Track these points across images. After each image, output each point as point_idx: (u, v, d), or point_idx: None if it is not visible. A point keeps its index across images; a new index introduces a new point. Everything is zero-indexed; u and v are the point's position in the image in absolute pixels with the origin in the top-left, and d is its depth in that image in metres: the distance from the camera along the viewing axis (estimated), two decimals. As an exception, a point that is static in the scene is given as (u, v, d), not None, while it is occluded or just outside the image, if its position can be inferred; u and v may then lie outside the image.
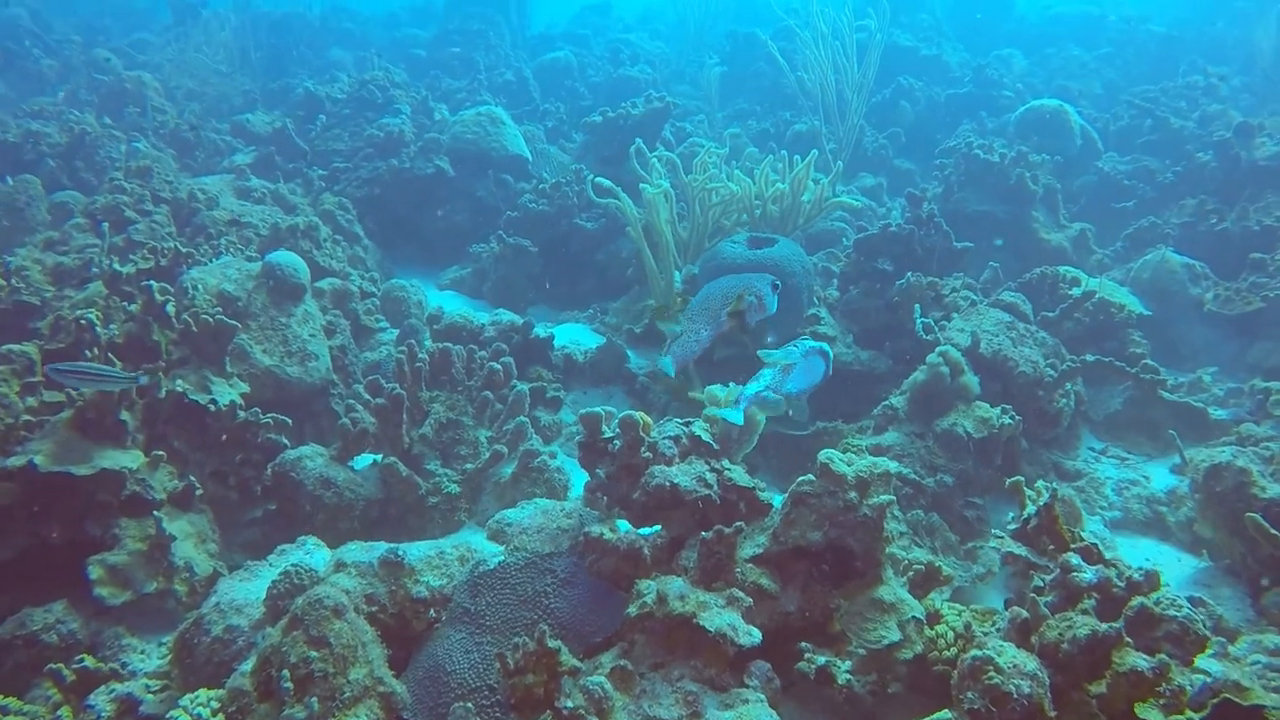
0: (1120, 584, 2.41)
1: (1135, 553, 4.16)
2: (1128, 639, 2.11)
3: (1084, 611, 2.16)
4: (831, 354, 2.95)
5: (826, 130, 7.02)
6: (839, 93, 6.75)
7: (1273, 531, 3.14)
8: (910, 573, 2.91)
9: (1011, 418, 3.90)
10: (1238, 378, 5.16)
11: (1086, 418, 4.96)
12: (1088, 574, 2.22)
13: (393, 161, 6.22)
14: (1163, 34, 12.02)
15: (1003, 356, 4.15)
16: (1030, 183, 5.93)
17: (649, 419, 3.00)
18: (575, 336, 5.25)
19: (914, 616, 2.62)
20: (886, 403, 4.02)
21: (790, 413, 2.93)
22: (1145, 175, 6.99)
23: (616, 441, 2.92)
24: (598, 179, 5.06)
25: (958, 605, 2.81)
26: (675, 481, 2.76)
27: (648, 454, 2.87)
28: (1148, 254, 5.80)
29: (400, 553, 2.79)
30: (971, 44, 11.71)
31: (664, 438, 2.91)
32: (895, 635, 2.57)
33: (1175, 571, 3.93)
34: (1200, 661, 3.13)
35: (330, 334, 4.49)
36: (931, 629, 2.68)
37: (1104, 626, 2.07)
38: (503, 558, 2.82)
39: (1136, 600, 2.35)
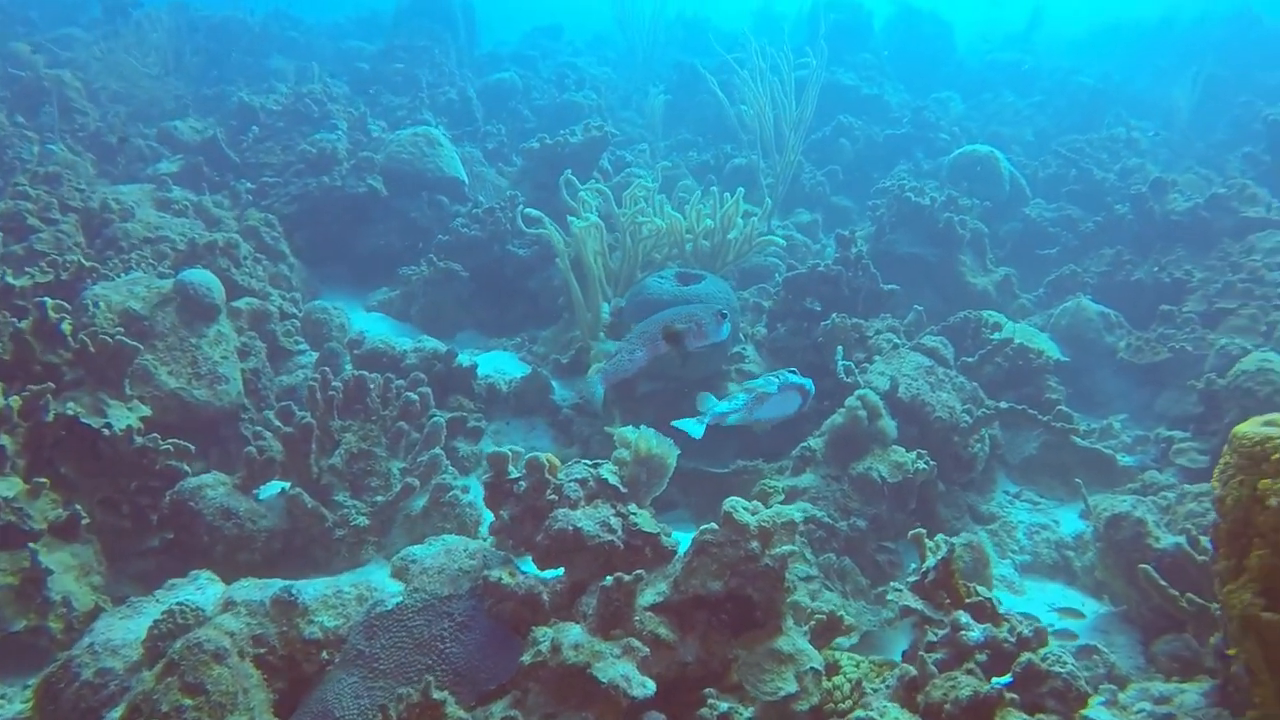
0: (1011, 639, 2.44)
1: (1043, 596, 4.24)
2: (1010, 698, 2.12)
3: (969, 671, 2.16)
4: (812, 390, 3.01)
5: (765, 165, 7.08)
6: (777, 129, 6.82)
7: (1162, 583, 3.22)
8: (812, 621, 2.91)
9: (926, 463, 3.94)
10: (1145, 425, 5.31)
11: (1003, 461, 5.05)
12: (975, 633, 2.23)
13: (324, 178, 6.11)
14: (1092, 86, 12.44)
15: (921, 401, 4.20)
16: (959, 227, 6.05)
17: (556, 460, 2.97)
18: (501, 365, 5.19)
19: (812, 667, 2.61)
20: (805, 444, 4.04)
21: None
22: (1068, 223, 7.19)
23: (522, 483, 2.88)
24: (526, 209, 5.03)
25: (857, 656, 2.82)
26: (578, 526, 2.72)
27: (553, 496, 2.84)
28: (1067, 301, 5.96)
29: (294, 592, 2.70)
30: (912, 85, 11.97)
31: (570, 480, 2.87)
32: (792, 687, 2.55)
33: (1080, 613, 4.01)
34: (1091, 710, 3.19)
35: (244, 356, 4.37)
36: (830, 680, 2.67)
37: (985, 687, 2.09)
38: (401, 599, 2.75)
39: (1024, 657, 2.38)
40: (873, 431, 3.92)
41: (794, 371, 3.04)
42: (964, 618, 2.28)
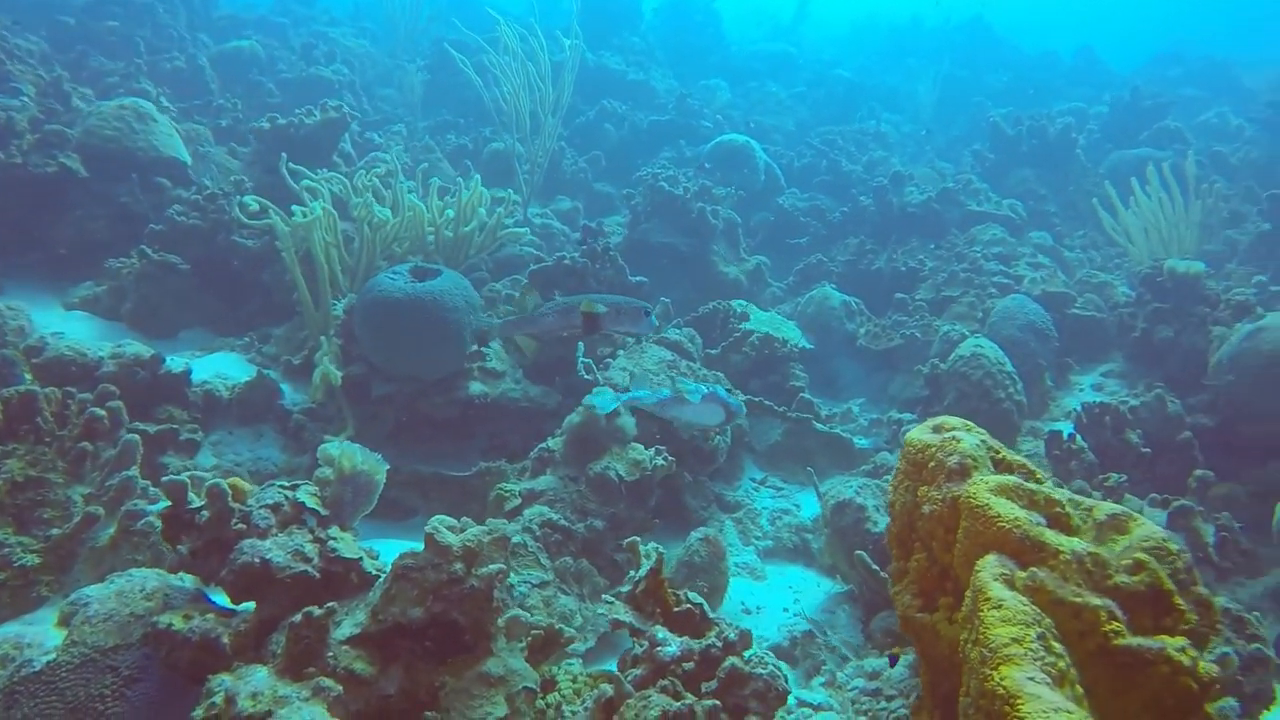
0: (719, 644, 2.44)
1: (783, 579, 4.38)
2: (700, 715, 2.09)
3: (663, 689, 2.12)
4: (739, 409, 3.12)
5: (524, 151, 6.92)
6: (533, 113, 6.66)
7: (874, 567, 3.38)
8: (530, 637, 2.80)
9: (665, 459, 3.93)
10: (881, 408, 5.62)
11: (750, 448, 5.19)
12: (671, 647, 2.19)
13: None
14: (849, 79, 13.15)
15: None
16: (711, 217, 6.15)
17: (245, 485, 2.69)
18: (223, 369, 4.73)
19: (525, 687, 2.51)
20: (543, 445, 3.93)
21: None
22: (818, 213, 7.51)
23: (204, 512, 2.59)
24: (245, 198, 4.60)
25: (575, 670, 2.74)
26: (267, 557, 2.47)
27: (240, 525, 2.57)
28: (813, 290, 6.21)
29: (-93, 659, 2.28)
30: (681, 72, 12.17)
31: (260, 506, 2.61)
32: (501, 710, 2.44)
33: (814, 596, 4.16)
34: (809, 691, 3.29)
35: (-111, 368, 3.72)
36: (544, 698, 2.58)
37: (675, 705, 2.05)
38: (53, 656, 2.39)
39: (728, 661, 2.38)
40: (611, 430, 3.86)
41: (731, 391, 3.18)
42: (660, 633, 2.23)
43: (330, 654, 2.36)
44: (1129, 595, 1.53)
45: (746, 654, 2.45)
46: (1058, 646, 1.36)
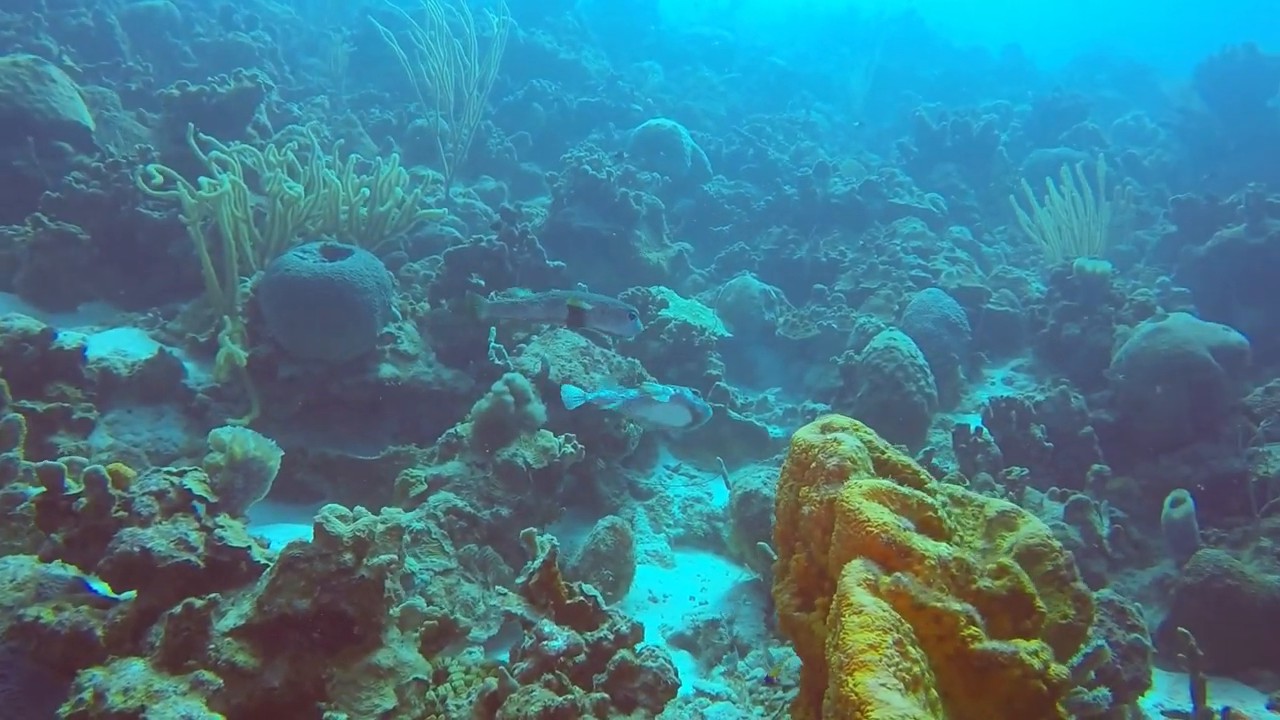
0: (610, 637, 2.44)
1: (692, 567, 4.41)
2: (587, 709, 2.10)
3: (547, 684, 2.12)
4: (705, 411, 3.17)
5: (448, 128, 6.79)
6: (457, 89, 6.54)
7: (775, 558, 3.41)
8: (424, 627, 2.77)
9: (574, 447, 3.92)
10: (797, 398, 5.69)
11: (665, 436, 5.21)
12: (557, 641, 2.19)
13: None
14: (783, 67, 13.21)
15: (573, 383, 4.17)
16: (633, 202, 6.13)
17: (128, 471, 2.60)
18: (123, 345, 4.56)
19: (417, 678, 2.48)
20: (452, 431, 3.88)
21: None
22: (743, 201, 7.54)
23: (82, 499, 2.49)
24: (148, 167, 4.42)
25: (468, 660, 2.72)
26: (148, 546, 2.39)
27: (121, 513, 2.47)
28: (734, 278, 6.24)
29: None
30: (616, 53, 12.08)
31: (143, 493, 2.52)
32: (390, 702, 2.41)
33: (722, 584, 4.20)
34: (709, 681, 3.33)
35: None
36: (435, 690, 2.56)
37: (558, 700, 2.05)
38: (-92, 652, 2.28)
39: (619, 654, 2.39)
40: (520, 416, 3.84)
41: (697, 394, 3.19)
42: (547, 626, 2.23)
43: (212, 646, 2.30)
44: (991, 599, 1.57)
45: (638, 646, 2.46)
46: (914, 651, 1.38)
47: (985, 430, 4.84)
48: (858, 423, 2.12)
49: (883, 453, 2.05)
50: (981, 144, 9.12)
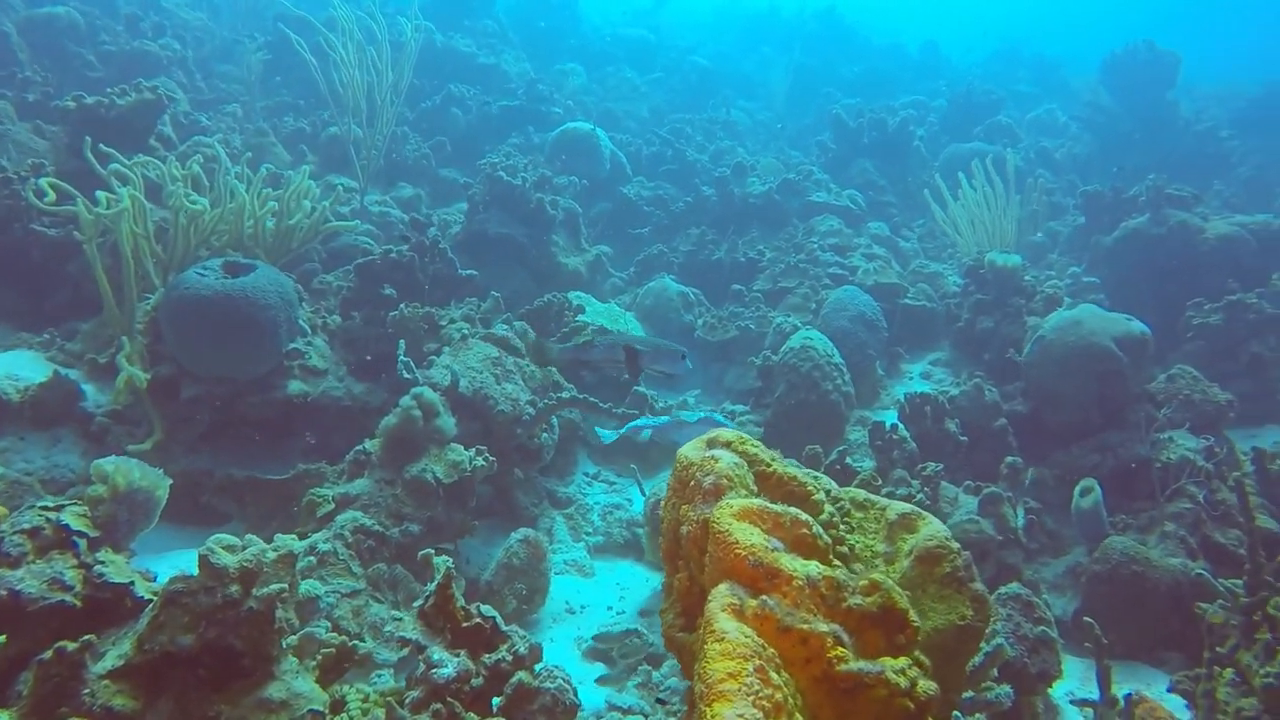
0: (509, 659, 2.42)
1: (612, 575, 4.39)
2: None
3: (435, 714, 2.08)
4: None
5: (363, 135, 6.66)
6: (370, 96, 6.42)
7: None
8: (321, 655, 2.70)
9: (485, 459, 3.88)
10: (717, 400, 5.71)
11: (585, 442, 5.18)
12: (447, 669, 2.16)
13: None
14: (705, 66, 13.26)
15: (484, 395, 4.13)
16: (549, 207, 6.08)
17: (1, 508, 2.49)
18: (14, 368, 4.38)
19: (312, 710, 2.42)
20: (360, 447, 3.81)
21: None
22: (661, 203, 7.55)
23: (-51, 541, 2.37)
24: (40, 182, 4.25)
25: (367, 689, 2.66)
26: (17, 588, 2.29)
27: (-9, 553, 2.37)
28: (652, 281, 6.24)
29: None
30: (537, 54, 11.98)
31: (14, 532, 2.41)
32: (285, 738, 2.35)
33: (641, 593, 4.19)
34: (623, 695, 3.31)
35: None
36: (334, 718, 2.50)
37: (445, 733, 2.01)
38: None
39: (516, 676, 2.36)
40: (429, 431, 3.78)
41: (726, 414, 3.28)
42: (435, 653, 2.19)
43: (87, 690, 2.21)
44: (862, 616, 1.57)
45: (537, 667, 2.44)
46: (778, 677, 1.38)
47: (901, 426, 4.91)
48: (744, 436, 2.12)
49: (768, 466, 2.05)
50: (897, 140, 9.27)
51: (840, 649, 1.47)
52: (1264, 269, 6.88)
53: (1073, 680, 3.63)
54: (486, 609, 2.54)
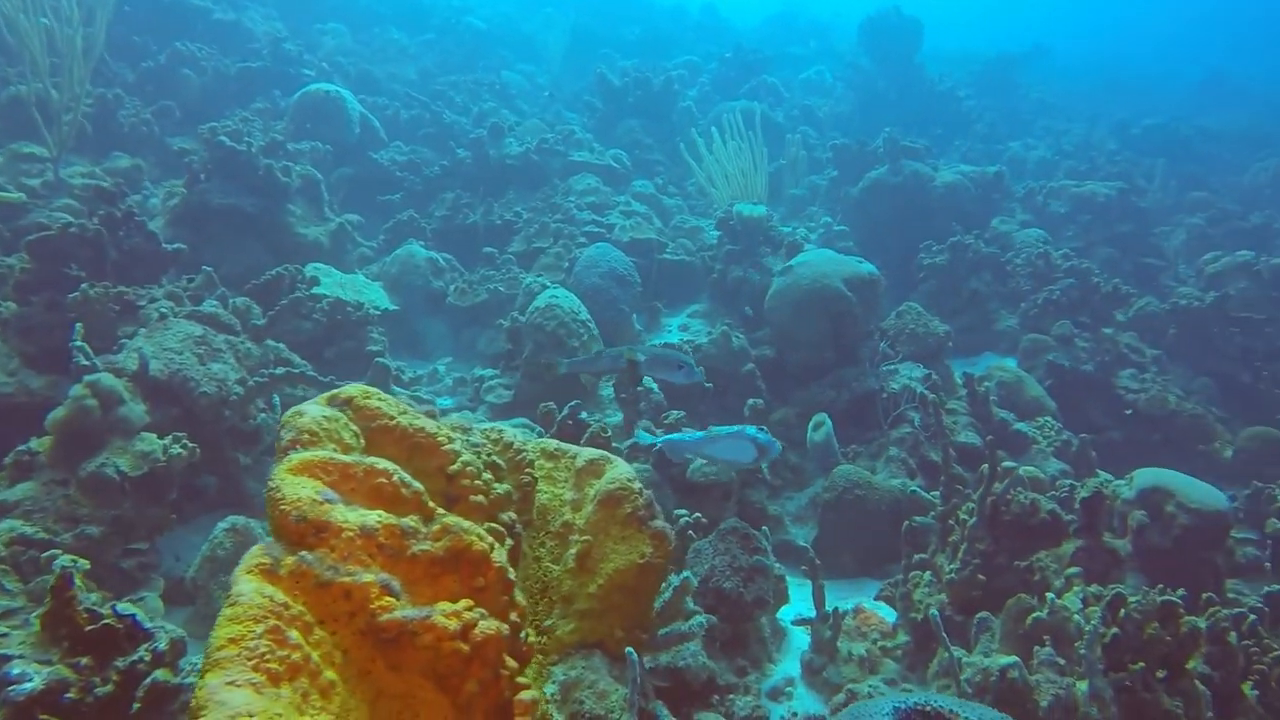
0: (146, 658, 2.20)
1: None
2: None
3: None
4: (771, 445, 3.19)
5: (60, 99, 5.96)
6: (54, 47, 5.73)
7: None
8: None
9: (184, 447, 3.56)
10: (468, 366, 5.55)
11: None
12: (29, 683, 1.92)
13: None
14: (481, 28, 12.90)
15: (183, 377, 3.78)
16: (282, 174, 5.68)
17: None
18: None
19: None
20: (23, 447, 3.39)
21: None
22: (414, 168, 7.25)
23: None
24: None
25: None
26: None
27: None
28: (399, 248, 5.97)
29: None
30: (293, 12, 11.17)
31: None
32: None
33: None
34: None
35: None
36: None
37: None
38: None
39: (154, 675, 2.15)
40: (110, 422, 3.42)
41: (761, 429, 3.23)
42: (15, 668, 1.94)
43: None
44: (431, 562, 1.48)
45: (182, 662, 2.23)
46: (299, 637, 1.25)
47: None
48: (371, 391, 1.98)
49: (390, 420, 1.92)
50: (663, 99, 9.33)
51: (387, 599, 1.37)
52: (984, 214, 7.43)
53: (804, 603, 3.74)
54: (124, 607, 2.29)
